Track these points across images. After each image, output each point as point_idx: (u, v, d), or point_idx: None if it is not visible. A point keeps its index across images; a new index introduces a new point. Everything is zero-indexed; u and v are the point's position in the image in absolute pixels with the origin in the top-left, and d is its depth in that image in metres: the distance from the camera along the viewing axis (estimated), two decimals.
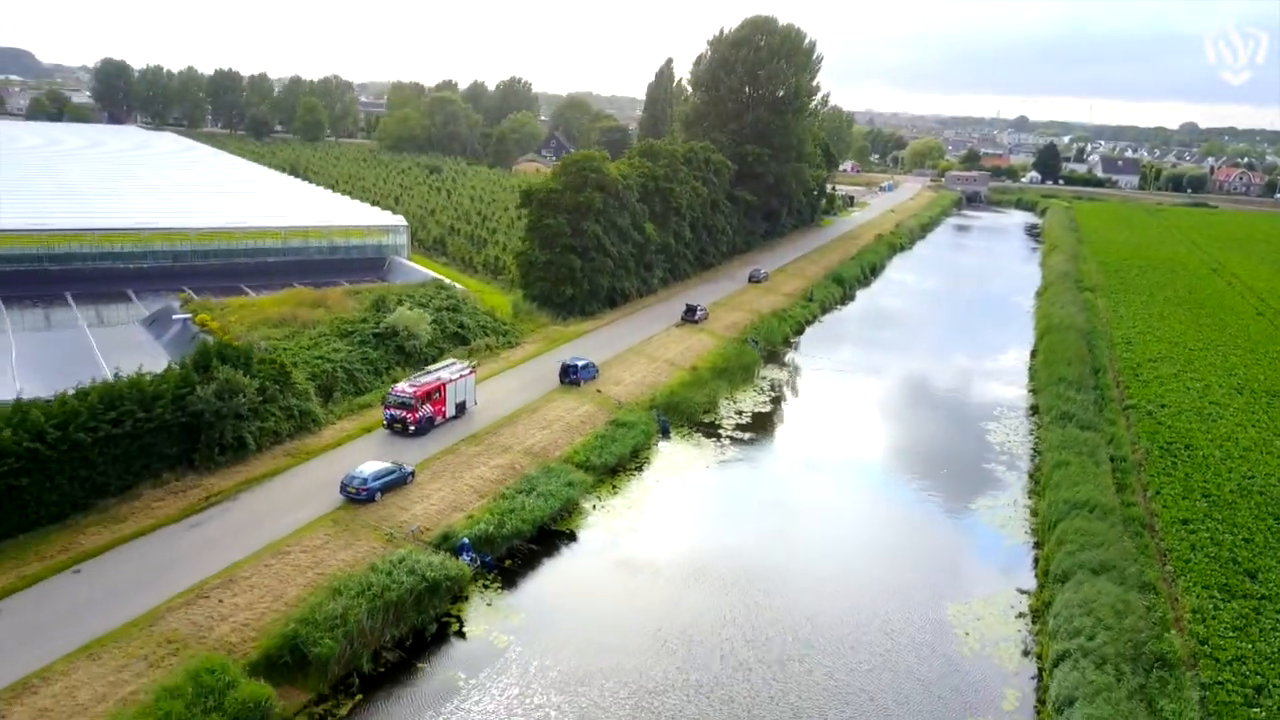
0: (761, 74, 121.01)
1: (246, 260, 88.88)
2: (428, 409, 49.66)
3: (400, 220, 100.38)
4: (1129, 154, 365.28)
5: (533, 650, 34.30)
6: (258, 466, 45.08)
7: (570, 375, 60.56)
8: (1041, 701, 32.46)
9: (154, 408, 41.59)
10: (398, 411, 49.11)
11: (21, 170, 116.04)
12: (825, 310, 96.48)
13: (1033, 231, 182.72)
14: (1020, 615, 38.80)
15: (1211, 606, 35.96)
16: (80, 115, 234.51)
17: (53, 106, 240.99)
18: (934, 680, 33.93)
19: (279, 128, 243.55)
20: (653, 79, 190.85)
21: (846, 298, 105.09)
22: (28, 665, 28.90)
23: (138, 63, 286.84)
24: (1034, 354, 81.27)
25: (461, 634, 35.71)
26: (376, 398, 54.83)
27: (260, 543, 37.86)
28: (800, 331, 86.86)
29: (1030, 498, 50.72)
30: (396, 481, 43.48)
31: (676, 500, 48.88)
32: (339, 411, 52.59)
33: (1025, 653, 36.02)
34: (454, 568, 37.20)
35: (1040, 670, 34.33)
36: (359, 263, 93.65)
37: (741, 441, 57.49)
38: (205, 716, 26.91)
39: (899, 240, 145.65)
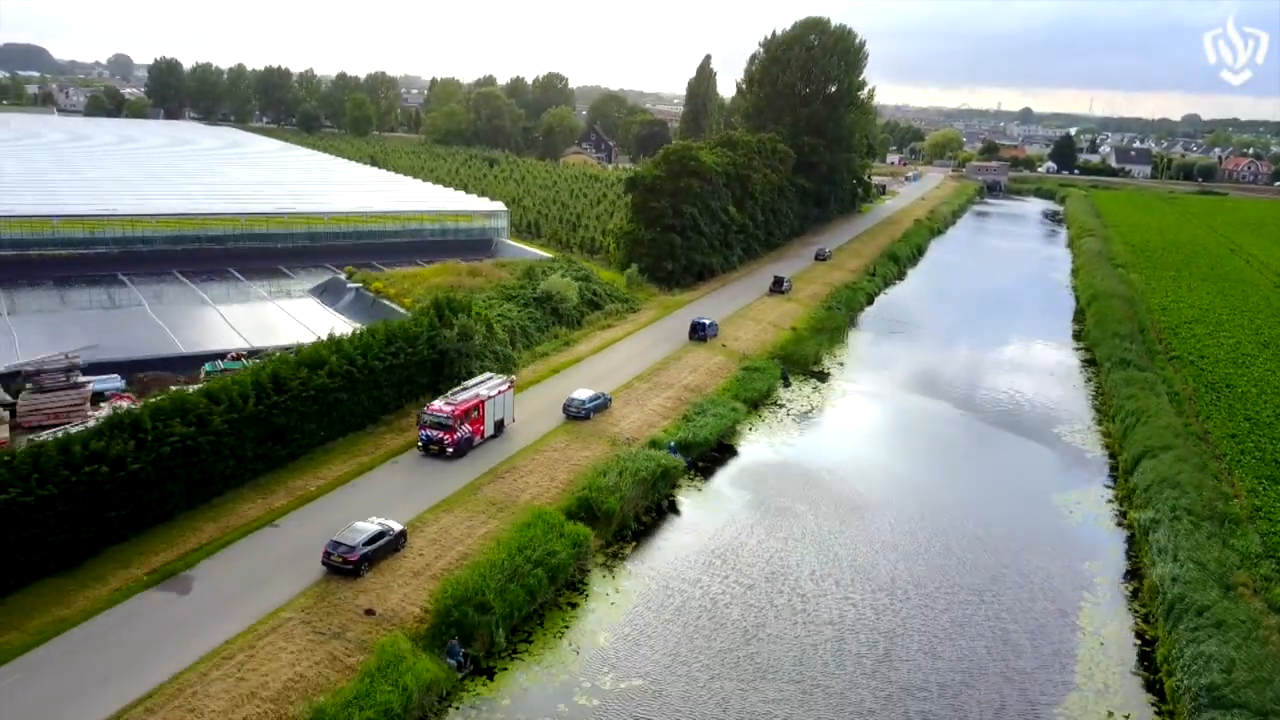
0: (814, 71, 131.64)
1: (372, 241, 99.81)
2: (466, 429, 46.04)
3: (500, 206, 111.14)
4: (1137, 145, 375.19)
5: (732, 514, 45.19)
6: None
7: (699, 332, 71.38)
8: (1136, 550, 43.29)
9: (416, 345, 52.46)
10: (434, 432, 45.36)
11: (160, 164, 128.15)
12: (887, 284, 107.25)
13: (1053, 218, 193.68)
14: (1109, 501, 49.73)
15: (1261, 488, 46.81)
16: (138, 111, 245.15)
17: (110, 103, 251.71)
18: (1053, 541, 44.82)
19: (327, 123, 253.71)
20: (693, 75, 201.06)
21: (901, 274, 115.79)
22: (412, 512, 39.69)
23: (143, 58, 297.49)
24: (1078, 318, 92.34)
25: (676, 510, 46.48)
26: (551, 348, 65.98)
27: (521, 445, 48.77)
28: (871, 301, 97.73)
29: (1100, 424, 61.58)
30: (602, 405, 54.35)
31: (809, 425, 59.70)
32: (525, 358, 63.47)
33: (1119, 523, 46.93)
34: (672, 461, 48.07)
35: (1132, 532, 45.16)
36: (466, 243, 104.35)
37: (847, 385, 68.36)
38: (554, 539, 37.74)
39: (935, 225, 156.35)
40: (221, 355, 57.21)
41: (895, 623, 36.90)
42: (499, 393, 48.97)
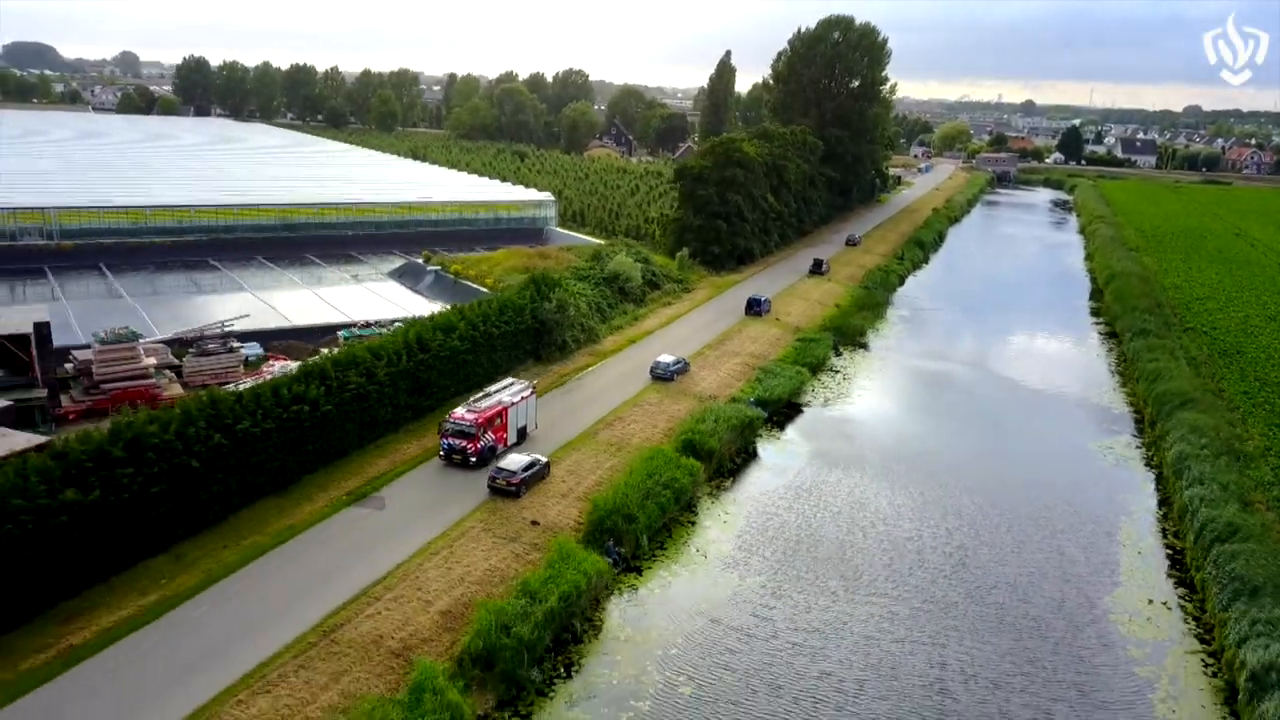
0: (839, 66, 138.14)
1: (431, 229, 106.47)
2: (489, 437, 44.25)
3: (549, 195, 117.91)
4: (1142, 136, 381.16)
5: (809, 457, 52.00)
6: (577, 360, 62.85)
7: (755, 308, 78.12)
8: (1164, 485, 50.04)
9: (522, 315, 59.24)
10: (457, 441, 43.49)
11: (227, 159, 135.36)
12: (915, 267, 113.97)
13: (1062, 206, 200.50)
14: (1137, 447, 56.52)
15: (1272, 432, 53.53)
16: (169, 109, 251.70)
17: (142, 101, 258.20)
18: (1093, 478, 51.63)
19: (352, 119, 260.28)
20: (713, 71, 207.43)
21: (926, 259, 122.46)
22: (543, 452, 46.34)
23: (148, 55, 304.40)
24: (1095, 296, 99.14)
25: (755, 455, 53.23)
26: (623, 322, 72.70)
27: (618, 401, 55.52)
28: (902, 282, 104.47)
29: (1124, 386, 68.34)
30: (683, 369, 61.09)
31: (866, 386, 66.41)
32: (602, 330, 70.21)
33: (1147, 465, 53.73)
34: (754, 412, 54.87)
35: (1160, 471, 51.91)
36: (518, 231, 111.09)
37: (892, 354, 75.12)
38: (673, 469, 44.49)
39: (952, 213, 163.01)
40: (347, 326, 64.00)
41: (965, 540, 43.67)
42: (521, 399, 47.01)
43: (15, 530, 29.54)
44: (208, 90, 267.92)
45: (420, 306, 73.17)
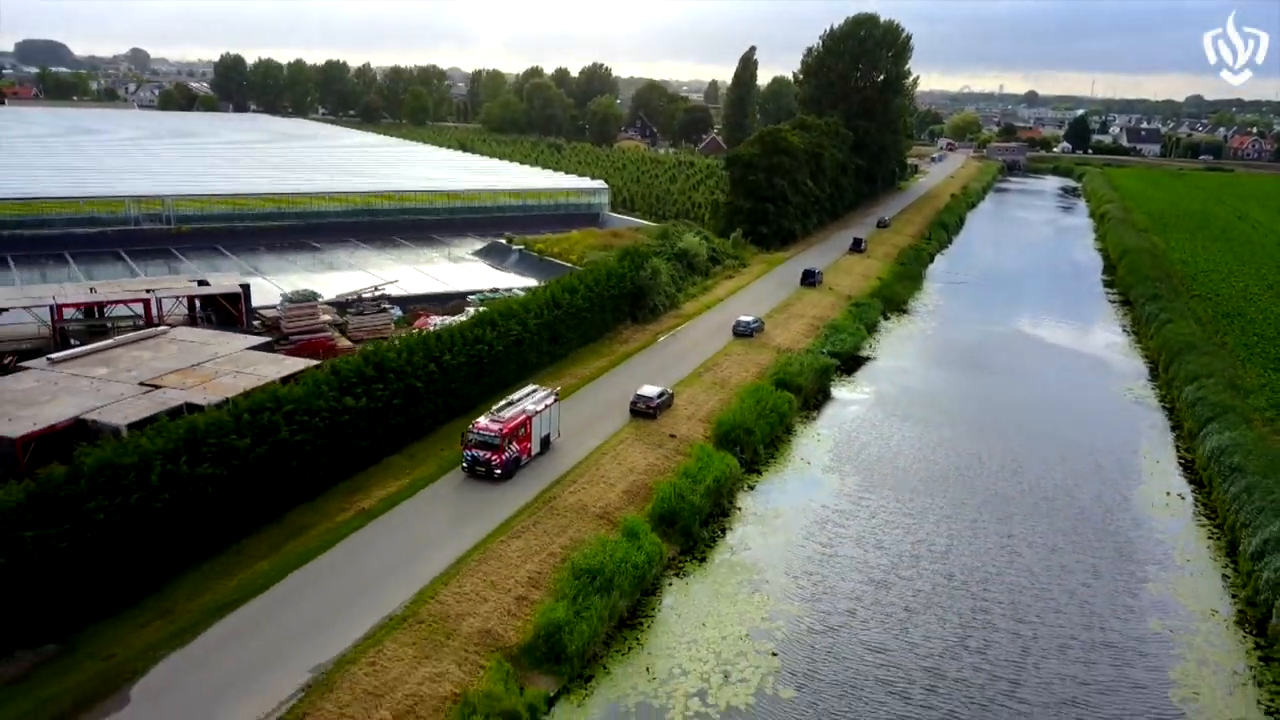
0: (864, 62, 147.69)
1: (499, 214, 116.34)
2: (514, 448, 42.39)
3: (603, 184, 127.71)
4: (1146, 125, 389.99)
5: (878, 396, 61.90)
6: (666, 322, 72.71)
7: (810, 279, 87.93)
8: (1177, 416, 59.85)
9: (624, 281, 69.10)
10: (480, 452, 41.62)
11: (307, 154, 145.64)
12: (941, 247, 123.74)
13: (1070, 193, 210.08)
14: (1154, 388, 66.39)
15: (1267, 374, 63.33)
16: (210, 105, 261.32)
17: (181, 98, 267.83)
18: (1118, 411, 61.53)
19: (385, 115, 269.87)
20: (738, 65, 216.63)
21: (949, 240, 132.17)
22: (664, 385, 56.10)
23: (158, 52, 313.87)
24: (1108, 271, 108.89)
25: (830, 395, 63.05)
26: (696, 291, 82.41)
27: (710, 352, 65.31)
28: (932, 259, 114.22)
29: (1139, 343, 78.22)
30: (759, 328, 70.87)
31: (914, 343, 76.22)
32: (681, 297, 80.00)
33: (1161, 400, 63.61)
34: (827, 360, 64.74)
35: (1174, 406, 61.74)
36: (576, 215, 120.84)
37: (933, 317, 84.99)
38: (774, 398, 54.38)
39: (969, 199, 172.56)
40: (473, 293, 74.00)
41: (1017, 454, 53.44)
42: (545, 407, 45.17)
43: (319, 423, 39.41)
44: (243, 87, 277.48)
45: (514, 281, 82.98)
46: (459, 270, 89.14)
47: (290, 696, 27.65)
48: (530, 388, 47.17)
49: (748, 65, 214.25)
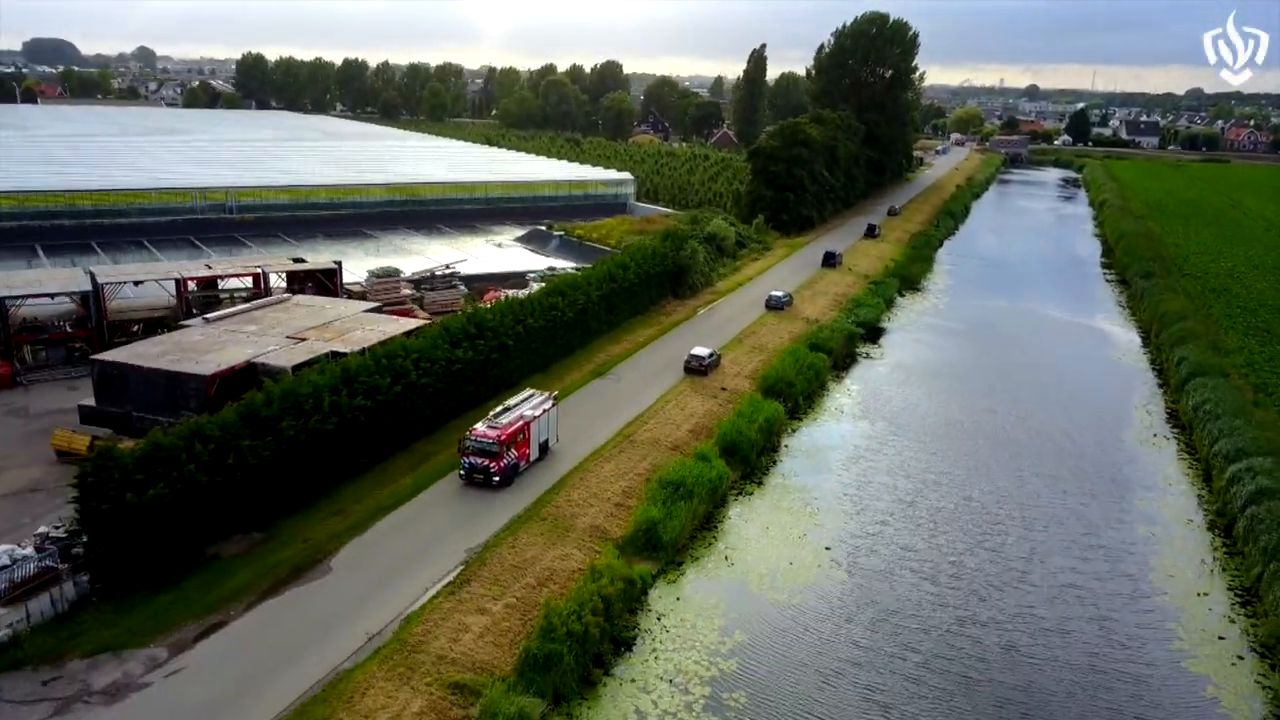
0: (873, 59, 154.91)
1: (534, 204, 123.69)
2: (512, 455, 41.61)
3: (629, 175, 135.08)
4: (1145, 118, 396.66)
5: (898, 360, 69.35)
6: (703, 297, 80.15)
7: (830, 260, 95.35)
8: (1165, 373, 67.26)
9: (666, 260, 76.51)
10: (479, 460, 40.81)
11: (355, 149, 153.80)
12: (949, 233, 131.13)
13: (1070, 184, 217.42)
14: (1145, 352, 73.84)
15: (1244, 339, 70.74)
16: (233, 103, 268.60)
17: (205, 96, 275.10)
18: (1114, 370, 68.93)
19: (403, 111, 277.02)
20: (749, 62, 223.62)
21: (957, 226, 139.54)
22: (715, 347, 63.48)
23: (164, 50, 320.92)
24: (1106, 254, 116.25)
25: (857, 359, 70.46)
26: (727, 270, 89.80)
27: (747, 322, 72.71)
28: (941, 244, 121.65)
29: (1133, 315, 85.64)
30: (789, 302, 78.25)
31: (928, 317, 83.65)
32: (714, 276, 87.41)
33: (1152, 363, 71.04)
34: (854, 329, 72.21)
35: (1163, 366, 69.13)
36: (605, 205, 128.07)
37: (945, 295, 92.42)
38: (810, 357, 61.82)
39: (974, 189, 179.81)
40: (531, 272, 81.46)
41: (1026, 404, 60.76)
42: (543, 412, 44.36)
43: (437, 369, 46.82)
44: (264, 85, 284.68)
45: (558, 263, 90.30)
46: (507, 254, 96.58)
47: (453, 568, 35.14)
48: (528, 392, 46.18)
49: (759, 62, 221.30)
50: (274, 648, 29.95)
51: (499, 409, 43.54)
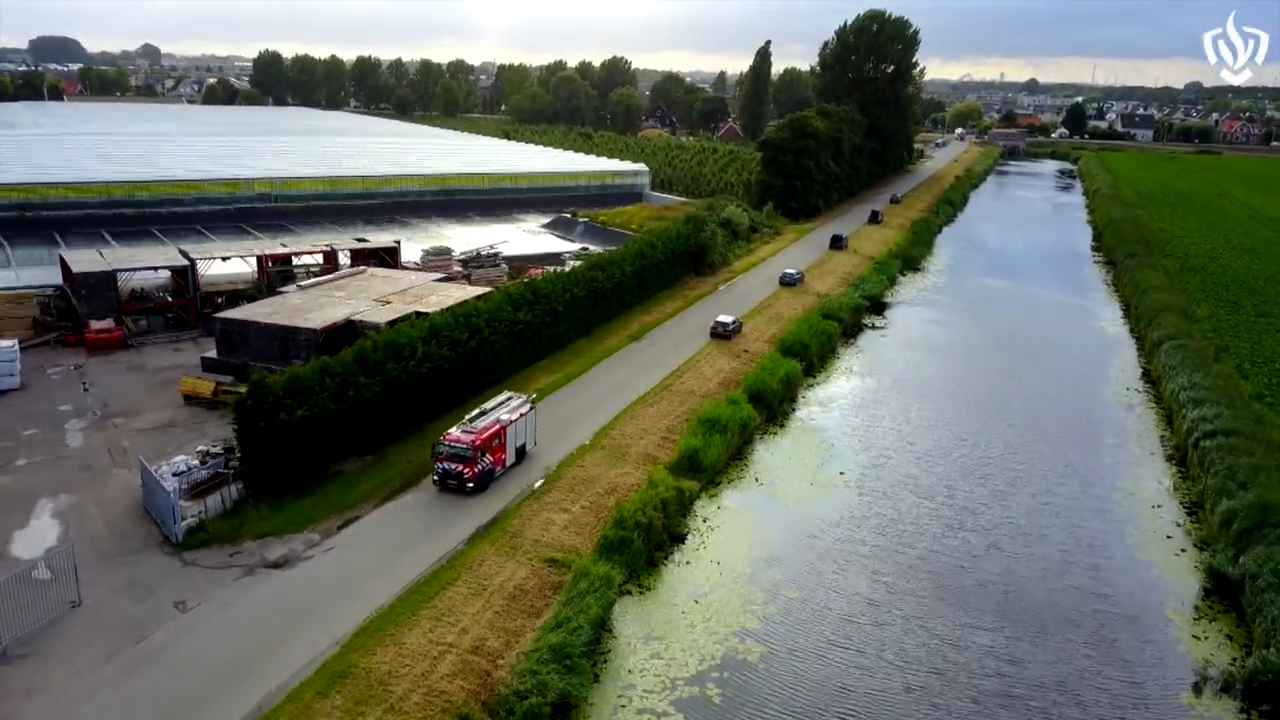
0: (875, 55, 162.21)
1: (556, 193, 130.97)
2: (487, 460, 40.82)
3: (644, 166, 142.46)
4: (1141, 111, 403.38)
5: (900, 328, 76.77)
6: (722, 275, 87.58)
7: (837, 243, 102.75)
8: (1143, 341, 74.66)
9: (688, 241, 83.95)
10: (452, 465, 40.00)
11: (372, 141, 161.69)
12: (948, 220, 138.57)
13: (1066, 175, 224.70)
14: (1124, 323, 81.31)
15: (1213, 309, 78.14)
16: (252, 100, 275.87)
17: (224, 93, 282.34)
18: (1098, 337, 76.39)
19: (417, 108, 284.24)
20: (755, 58, 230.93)
21: (956, 214, 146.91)
22: (735, 315, 70.89)
23: (168, 47, 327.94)
24: (1096, 239, 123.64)
25: (863, 329, 77.85)
26: (741, 252, 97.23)
27: (762, 296, 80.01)
28: (940, 230, 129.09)
29: (1116, 291, 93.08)
30: (800, 279, 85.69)
31: (927, 294, 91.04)
32: (731, 257, 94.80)
33: (1131, 331, 78.52)
34: (861, 301, 79.66)
35: (1141, 336, 76.54)
36: (621, 195, 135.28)
37: (943, 275, 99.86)
38: (823, 324, 69.28)
39: (972, 180, 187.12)
40: (565, 253, 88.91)
41: (1016, 365, 68.30)
42: (520, 416, 43.34)
43: (502, 327, 54.21)
44: (280, 83, 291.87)
45: (587, 246, 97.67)
46: (538, 239, 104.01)
47: (535, 482, 42.59)
48: (505, 395, 45.25)
49: (764, 58, 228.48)
50: (401, 534, 37.44)
51: (475, 412, 42.86)
